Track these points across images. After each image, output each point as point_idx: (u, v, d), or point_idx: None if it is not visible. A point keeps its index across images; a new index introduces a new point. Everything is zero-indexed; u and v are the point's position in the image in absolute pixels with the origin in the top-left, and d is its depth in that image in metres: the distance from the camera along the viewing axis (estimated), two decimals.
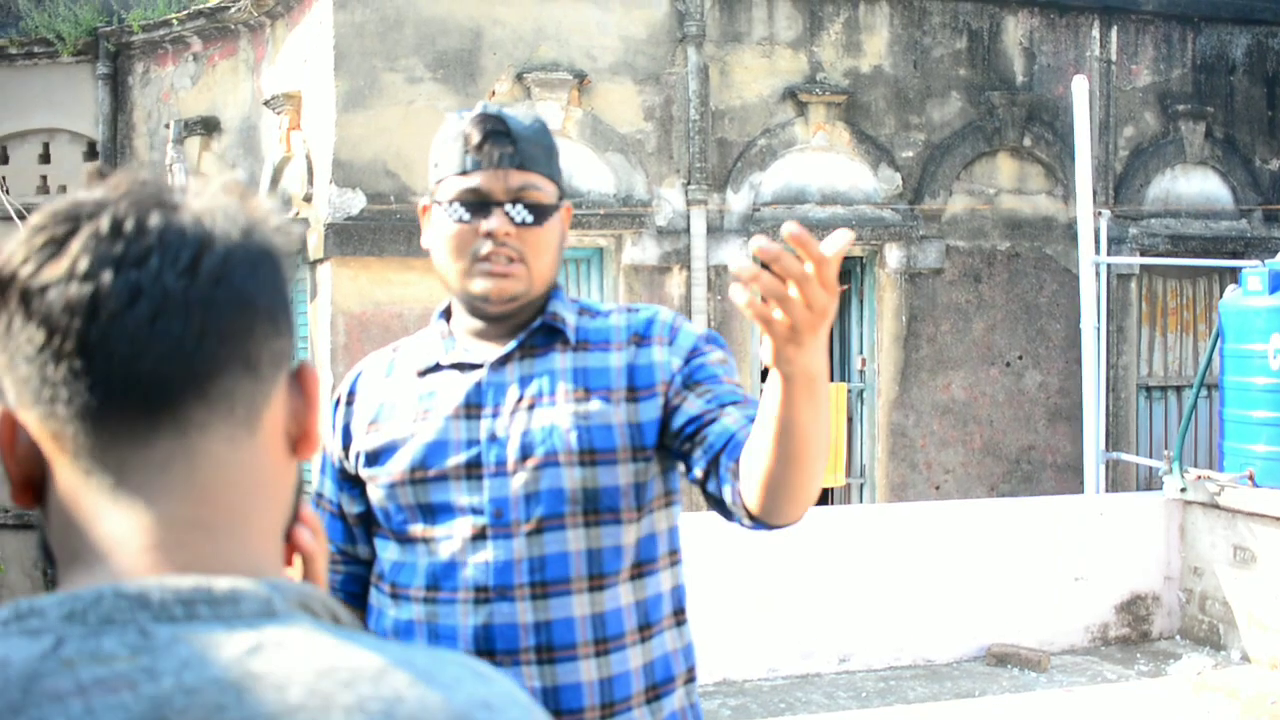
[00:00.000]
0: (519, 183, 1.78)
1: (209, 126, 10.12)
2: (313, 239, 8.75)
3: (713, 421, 1.77)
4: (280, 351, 0.76)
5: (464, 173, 1.78)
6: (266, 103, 9.49)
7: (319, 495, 1.96)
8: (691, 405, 1.80)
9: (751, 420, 1.73)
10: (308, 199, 8.94)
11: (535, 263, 1.79)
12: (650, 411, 1.82)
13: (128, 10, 10.87)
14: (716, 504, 1.75)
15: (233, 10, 9.73)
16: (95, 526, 0.71)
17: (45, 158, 10.98)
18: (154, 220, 0.72)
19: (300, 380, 0.79)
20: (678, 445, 1.81)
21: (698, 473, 1.77)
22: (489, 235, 1.77)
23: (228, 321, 0.72)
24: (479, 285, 1.78)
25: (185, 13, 10.17)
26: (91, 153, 10.82)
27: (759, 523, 1.69)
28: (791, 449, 1.55)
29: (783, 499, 1.62)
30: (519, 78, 8.70)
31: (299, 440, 0.78)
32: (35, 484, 0.74)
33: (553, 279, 1.85)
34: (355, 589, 1.93)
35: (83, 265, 0.70)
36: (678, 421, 1.80)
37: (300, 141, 9.13)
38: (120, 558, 0.70)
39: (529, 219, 1.78)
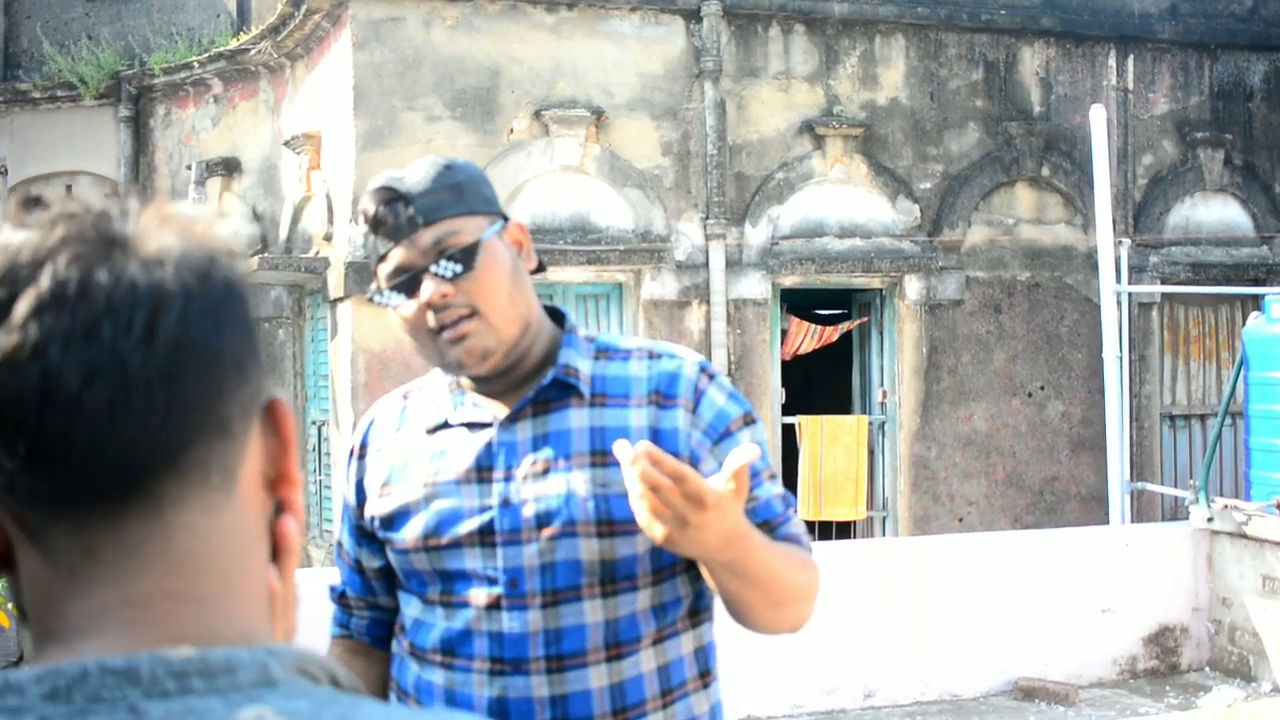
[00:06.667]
0: (431, 238, 1.67)
1: (230, 167, 10.20)
2: (333, 278, 8.79)
3: None
4: (250, 399, 0.70)
5: (382, 257, 1.70)
6: (287, 143, 9.57)
7: (339, 545, 1.90)
8: None
9: (781, 537, 1.80)
10: (328, 238, 8.99)
11: (489, 307, 1.67)
12: None
13: (149, 53, 10.99)
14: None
15: (253, 52, 9.83)
16: (67, 605, 0.65)
17: None
18: (100, 277, 0.65)
19: (273, 419, 0.72)
20: None
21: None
22: (429, 306, 1.67)
23: (195, 387, 0.66)
24: (449, 356, 1.68)
25: (206, 55, 10.28)
26: (114, 195, 10.93)
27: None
28: (734, 608, 1.71)
29: (752, 628, 1.77)
30: (537, 115, 8.75)
31: (275, 481, 0.73)
32: (1, 554, 0.68)
33: (523, 314, 1.72)
34: (381, 633, 1.88)
35: (28, 340, 0.63)
36: None
37: (320, 181, 9.19)
38: (98, 634, 0.64)
39: (458, 269, 1.66)
